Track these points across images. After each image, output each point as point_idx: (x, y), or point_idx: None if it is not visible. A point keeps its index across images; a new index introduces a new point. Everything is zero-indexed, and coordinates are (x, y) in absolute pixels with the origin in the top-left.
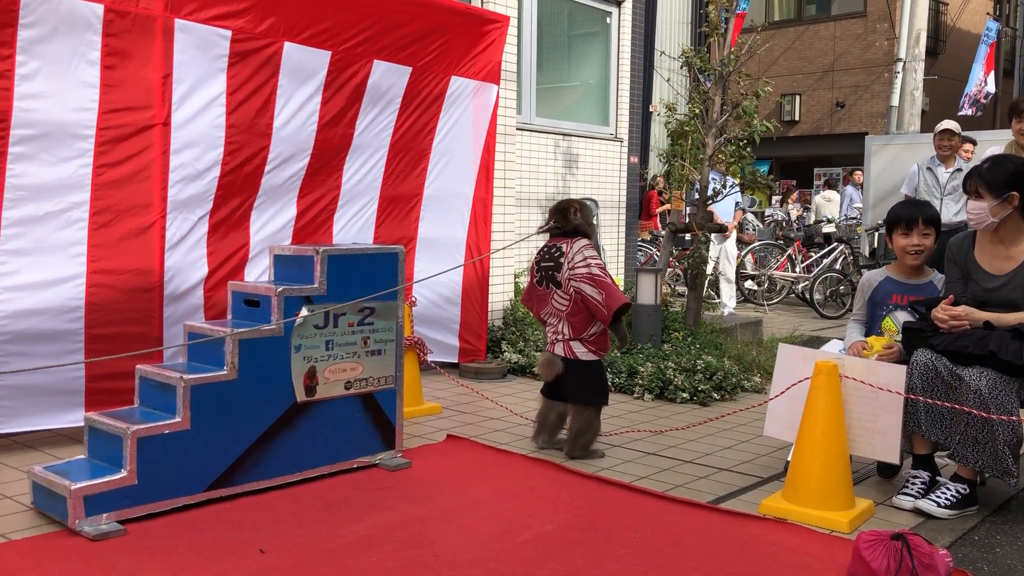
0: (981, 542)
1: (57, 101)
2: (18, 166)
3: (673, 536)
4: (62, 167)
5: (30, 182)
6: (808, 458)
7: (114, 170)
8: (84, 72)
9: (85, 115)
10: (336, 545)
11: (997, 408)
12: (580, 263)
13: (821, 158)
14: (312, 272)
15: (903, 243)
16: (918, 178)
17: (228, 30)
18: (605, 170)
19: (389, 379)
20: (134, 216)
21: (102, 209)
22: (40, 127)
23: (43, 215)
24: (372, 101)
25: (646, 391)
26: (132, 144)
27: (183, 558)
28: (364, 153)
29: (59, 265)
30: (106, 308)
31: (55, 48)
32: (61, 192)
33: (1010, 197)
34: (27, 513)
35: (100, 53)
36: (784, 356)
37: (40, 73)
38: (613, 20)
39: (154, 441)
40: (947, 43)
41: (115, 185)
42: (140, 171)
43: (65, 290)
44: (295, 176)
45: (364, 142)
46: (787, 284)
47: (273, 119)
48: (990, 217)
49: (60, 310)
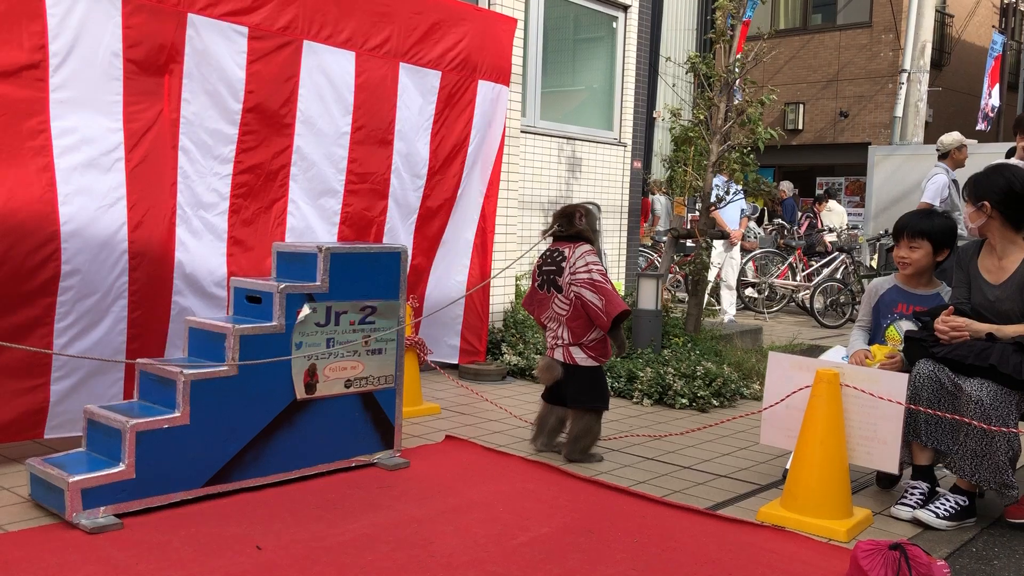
0: (979, 554)
1: (88, 94)
2: (65, 159)
3: (670, 541)
4: (103, 160)
5: (79, 177)
6: (807, 466)
7: (142, 164)
8: (109, 64)
9: (112, 107)
10: (333, 543)
11: (998, 420)
12: (582, 268)
13: (823, 167)
14: (315, 269)
15: (895, 253)
16: (949, 190)
17: (244, 26)
18: (608, 175)
19: (389, 378)
20: (156, 208)
21: (136, 202)
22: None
23: (95, 209)
24: (412, 107)
25: (645, 396)
26: (148, 139)
27: (180, 553)
28: (407, 161)
29: (108, 256)
30: (142, 295)
31: (81, 42)
32: (106, 187)
33: (983, 206)
34: (24, 505)
35: (122, 44)
36: (775, 365)
37: (71, 67)
38: (619, 25)
39: (153, 435)
40: (952, 55)
41: (142, 176)
42: (157, 165)
43: (113, 277)
44: (337, 183)
45: (407, 150)
46: (788, 292)
47: (295, 119)
48: (970, 223)
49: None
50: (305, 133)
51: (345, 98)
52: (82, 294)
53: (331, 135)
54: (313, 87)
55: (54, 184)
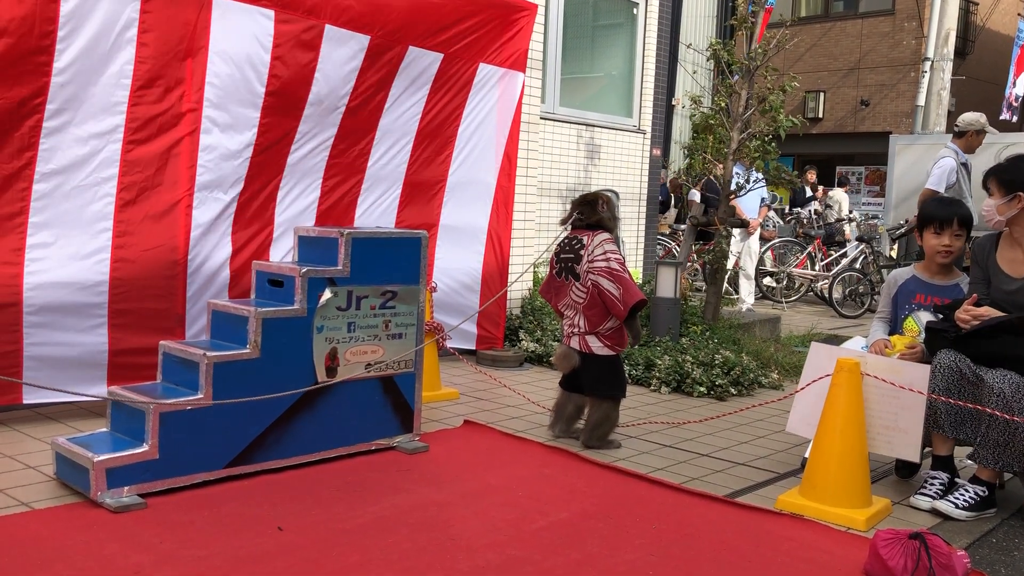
0: (999, 544)
1: (93, 76)
2: (51, 139)
3: (688, 528)
4: (94, 142)
5: (62, 155)
6: (826, 455)
7: (143, 146)
8: (120, 48)
9: (119, 91)
10: (353, 525)
11: (1020, 411)
12: (600, 256)
13: (843, 156)
14: (336, 254)
15: (934, 243)
16: (957, 175)
17: (271, 9)
18: (627, 162)
19: (409, 363)
20: (161, 193)
21: (130, 185)
22: (75, 102)
23: (71, 189)
24: (402, 87)
25: (663, 384)
26: (162, 121)
27: (202, 532)
28: (391, 138)
29: (85, 239)
30: (130, 283)
31: (94, 23)
32: (91, 166)
33: (1016, 198)
34: (50, 483)
35: (137, 29)
36: (814, 354)
37: (79, 48)
38: (639, 12)
39: (176, 417)
40: (976, 43)
41: (144, 162)
42: (169, 148)
43: (90, 264)
44: (320, 158)
45: (392, 127)
46: (806, 282)
47: (306, 101)
48: (997, 215)
49: (84, 283)
50: (313, 115)
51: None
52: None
53: (332, 113)
54: (322, 70)
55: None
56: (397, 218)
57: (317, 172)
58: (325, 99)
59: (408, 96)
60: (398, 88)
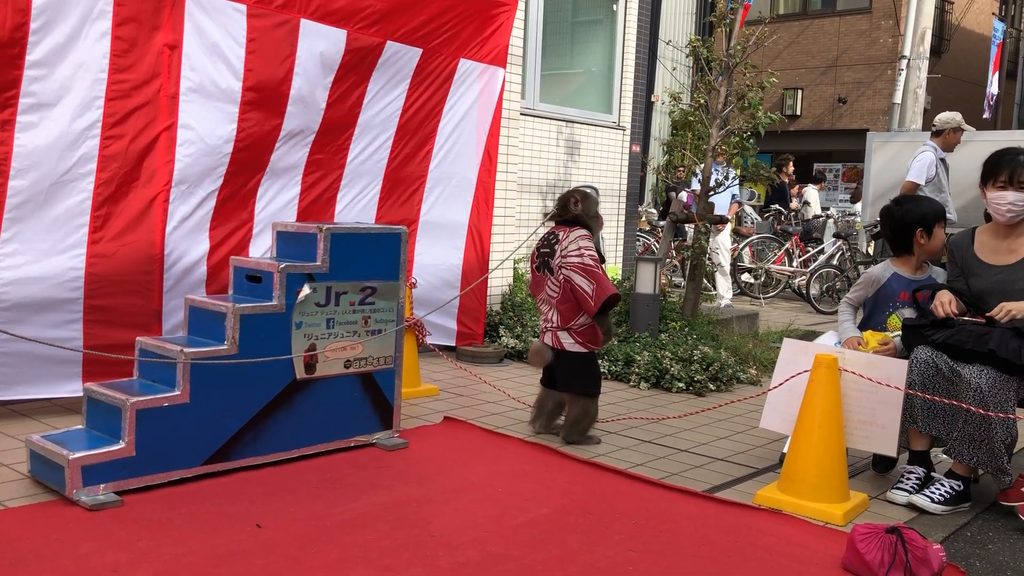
0: (974, 538)
1: (67, 69)
2: (26, 134)
3: (668, 523)
4: (70, 137)
5: (37, 150)
6: (804, 450)
7: (120, 141)
8: (95, 40)
9: (96, 86)
10: (332, 522)
11: (995, 406)
12: (574, 252)
13: (821, 153)
14: (315, 249)
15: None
16: (936, 169)
17: (243, 4)
18: (606, 158)
19: (388, 359)
20: (138, 188)
21: (107, 180)
22: (50, 96)
23: (48, 184)
24: (381, 82)
25: (642, 380)
26: (139, 115)
27: (180, 530)
28: (370, 134)
29: (61, 234)
30: (106, 279)
31: (68, 16)
32: (68, 162)
33: None
34: (24, 481)
35: (111, 23)
36: (787, 350)
37: (53, 42)
38: (619, 8)
39: (153, 413)
40: (951, 42)
41: (121, 156)
42: (146, 143)
43: (66, 259)
44: (301, 154)
45: (371, 122)
46: (784, 278)
47: (288, 96)
48: (1013, 208)
49: (60, 279)
50: (296, 111)
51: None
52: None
53: (313, 109)
54: (301, 64)
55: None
56: (377, 214)
57: (297, 168)
58: (305, 94)
59: (387, 91)
60: (377, 83)
